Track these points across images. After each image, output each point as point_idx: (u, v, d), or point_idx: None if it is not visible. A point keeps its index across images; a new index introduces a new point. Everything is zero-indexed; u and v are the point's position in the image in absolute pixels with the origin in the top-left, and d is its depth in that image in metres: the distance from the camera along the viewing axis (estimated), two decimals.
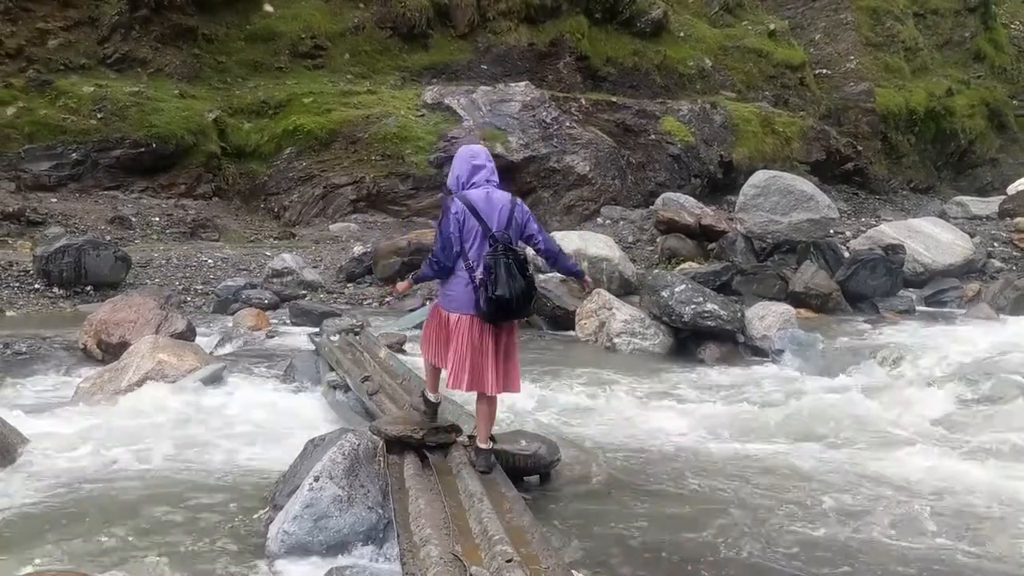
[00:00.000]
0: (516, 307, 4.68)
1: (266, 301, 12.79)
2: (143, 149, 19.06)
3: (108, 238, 15.59)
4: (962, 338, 10.37)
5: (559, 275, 12.76)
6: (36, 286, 13.15)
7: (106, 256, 13.40)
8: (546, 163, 20.82)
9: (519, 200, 4.99)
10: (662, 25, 28.21)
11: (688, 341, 10.35)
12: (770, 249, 14.42)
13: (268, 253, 16.02)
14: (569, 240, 13.69)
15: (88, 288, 13.18)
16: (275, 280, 13.90)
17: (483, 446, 4.92)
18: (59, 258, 13.06)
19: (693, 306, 10.14)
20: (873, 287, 13.24)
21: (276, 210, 20.17)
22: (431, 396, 5.23)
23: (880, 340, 10.54)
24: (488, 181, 4.90)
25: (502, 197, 4.87)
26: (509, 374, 4.97)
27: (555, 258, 5.27)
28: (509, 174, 20.41)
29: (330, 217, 19.79)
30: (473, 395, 5.10)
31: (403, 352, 9.53)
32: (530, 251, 5.26)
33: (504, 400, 7.52)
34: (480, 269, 4.69)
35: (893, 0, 35.95)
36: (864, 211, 25.39)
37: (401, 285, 5.70)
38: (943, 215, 20.04)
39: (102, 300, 11.66)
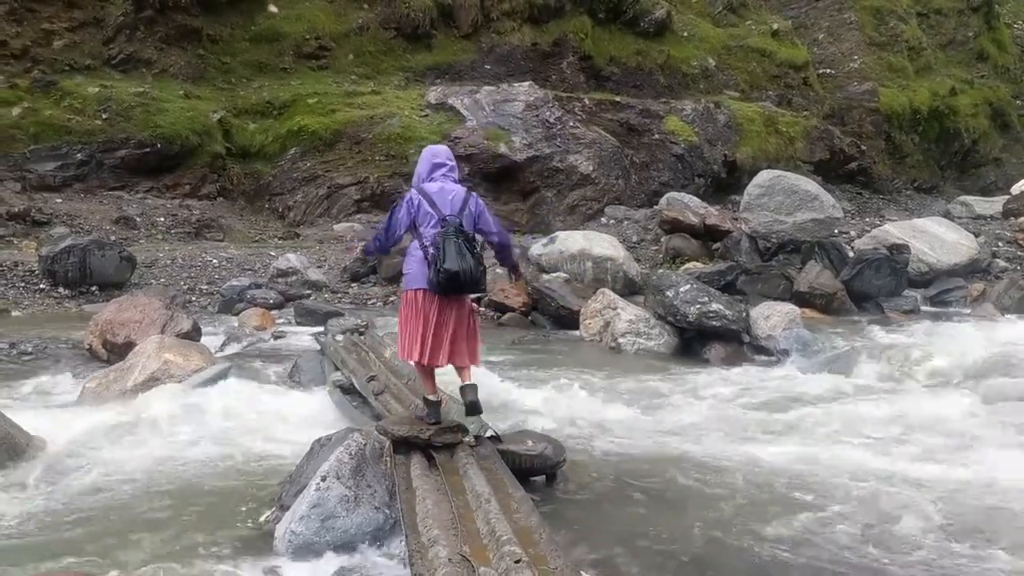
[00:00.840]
0: (465, 280, 5.08)
1: (271, 301, 12.83)
2: (148, 149, 19.11)
3: (113, 238, 15.64)
4: (967, 338, 10.35)
5: (563, 274, 12.88)
6: (41, 286, 13.18)
7: (111, 256, 13.43)
8: (549, 163, 20.83)
9: (474, 194, 5.46)
10: (666, 25, 28.22)
11: (693, 341, 10.34)
12: (774, 249, 14.41)
13: (273, 253, 16.05)
14: (573, 240, 13.70)
15: (93, 288, 13.22)
16: (280, 280, 13.93)
17: (431, 397, 5.36)
18: (64, 258, 13.10)
19: (698, 306, 10.14)
20: (878, 287, 13.24)
21: (280, 210, 20.20)
22: (431, 396, 5.39)
23: (885, 340, 10.53)
24: (445, 176, 5.38)
25: (457, 189, 5.36)
26: (470, 348, 5.37)
27: (504, 249, 5.76)
28: (512, 174, 20.49)
29: (334, 217, 19.82)
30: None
31: None
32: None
33: (508, 399, 7.57)
34: (431, 245, 5.11)
35: (896, 0, 35.91)
36: (868, 211, 25.38)
37: (350, 249, 6.19)
38: (947, 215, 20.02)
39: (107, 300, 11.69)
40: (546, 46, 25.96)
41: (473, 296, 5.65)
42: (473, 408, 5.30)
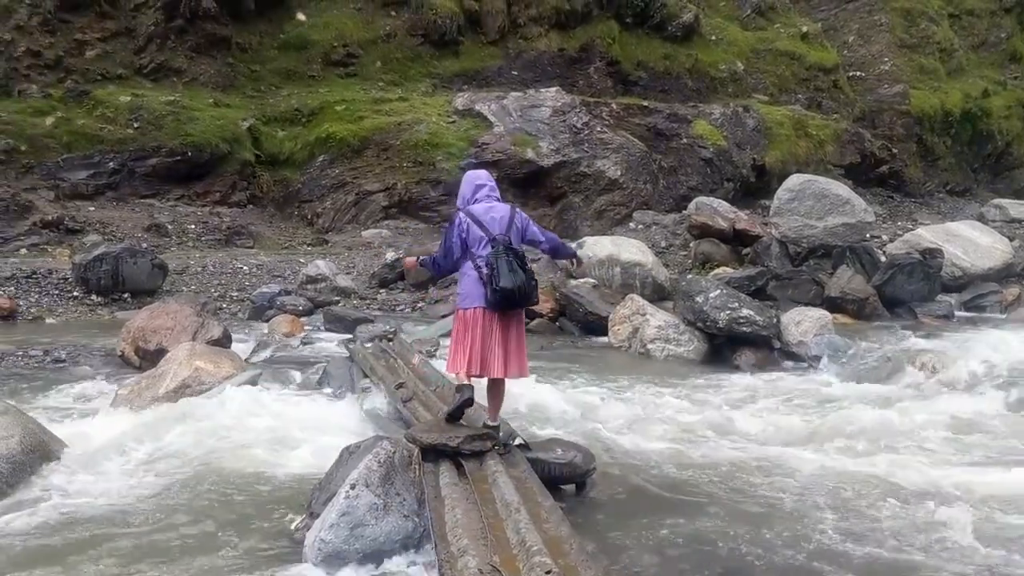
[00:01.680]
0: (519, 296, 5.34)
1: (300, 307, 12.88)
2: (179, 157, 19.29)
3: (145, 246, 15.78)
4: (1003, 343, 10.18)
5: (591, 280, 12.84)
6: (75, 293, 13.33)
7: (143, 264, 13.55)
8: (577, 168, 20.79)
9: (518, 209, 5.72)
10: (693, 29, 28.10)
11: (723, 347, 10.26)
12: (805, 254, 14.27)
13: (302, 260, 16.13)
14: (601, 245, 13.66)
15: (126, 295, 13.34)
16: (309, 286, 13.98)
17: (492, 423, 5.55)
18: (97, 266, 13.23)
19: (728, 311, 10.05)
20: (911, 292, 13.07)
21: (309, 217, 20.31)
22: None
23: (919, 346, 10.37)
24: (489, 196, 5.67)
25: (502, 207, 5.62)
26: (519, 361, 5.54)
27: (557, 248, 6.05)
28: (540, 179, 20.46)
29: (362, 223, 19.87)
30: (506, 403, 5.72)
31: (436, 358, 9.53)
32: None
33: (537, 406, 7.54)
34: (485, 265, 5.37)
35: (927, 1, 35.55)
36: (900, 214, 25.12)
37: (409, 261, 6.53)
38: (981, 218, 19.74)
39: (139, 307, 11.79)
40: (573, 51, 25.94)
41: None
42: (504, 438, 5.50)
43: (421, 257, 6.13)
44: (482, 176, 5.84)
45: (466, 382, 5.47)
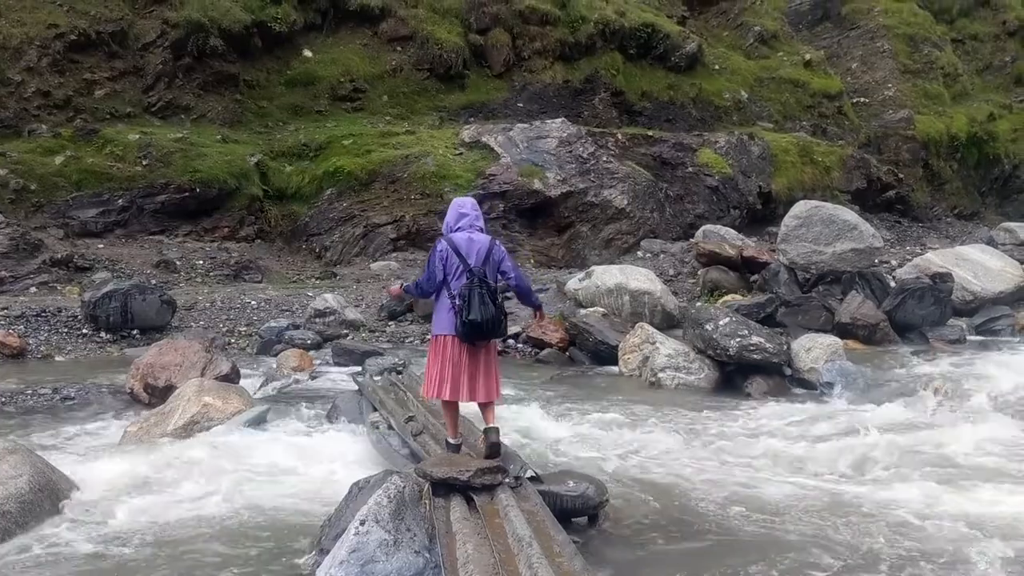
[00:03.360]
0: (487, 329, 5.60)
1: (309, 341, 12.86)
2: (187, 194, 19.39)
3: (154, 282, 15.81)
4: (1016, 367, 10.10)
5: (600, 309, 12.81)
6: (84, 331, 13.34)
7: (152, 300, 13.56)
8: (584, 197, 20.83)
9: (497, 242, 5.89)
10: (696, 59, 28.27)
11: (734, 375, 10.20)
12: (814, 280, 14.21)
13: (310, 293, 16.13)
14: (610, 274, 13.62)
15: (135, 332, 13.34)
16: (317, 320, 13.97)
17: (453, 441, 5.94)
18: (106, 303, 13.24)
19: (738, 339, 10.00)
20: (921, 316, 12.99)
21: (318, 250, 20.36)
22: (452, 440, 5.96)
23: (931, 371, 10.30)
24: (471, 226, 5.84)
25: (482, 239, 5.80)
26: (487, 386, 5.85)
27: (524, 293, 6.28)
28: (547, 209, 20.51)
29: (371, 256, 19.90)
30: (513, 436, 6.22)
31: None
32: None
33: (548, 437, 7.50)
34: (458, 296, 5.61)
35: (930, 27, 35.73)
36: (908, 239, 25.06)
37: (393, 289, 6.74)
38: (991, 242, 19.66)
39: (148, 343, 11.79)
40: (578, 83, 26.10)
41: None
42: (494, 451, 5.61)
43: (404, 284, 6.41)
44: (467, 205, 6.01)
45: (453, 440, 5.92)
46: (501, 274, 5.87)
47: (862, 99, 33.23)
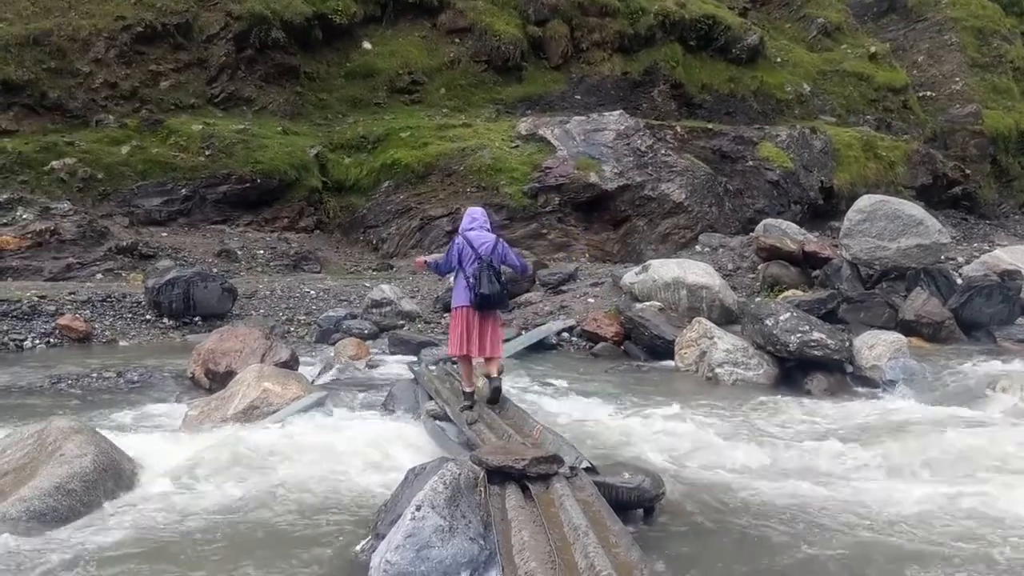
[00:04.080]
0: (494, 300, 7.45)
1: (366, 331, 12.96)
2: (248, 184, 19.70)
3: (215, 270, 16.08)
4: None
5: (656, 303, 12.68)
6: (147, 317, 13.62)
7: (213, 288, 13.79)
8: (641, 191, 20.66)
9: (501, 239, 7.72)
10: (758, 51, 27.88)
11: (794, 371, 10.01)
12: (877, 276, 13.88)
13: (367, 284, 16.26)
14: (667, 268, 13.46)
15: (196, 318, 13.59)
16: (374, 310, 14.07)
17: (468, 390, 7.55)
18: (169, 290, 13.51)
19: (799, 335, 9.81)
20: (989, 315, 12.60)
21: (375, 242, 20.52)
22: (467, 388, 7.55)
23: (999, 370, 9.98)
24: (481, 228, 7.73)
25: (490, 236, 7.67)
26: (493, 344, 7.63)
27: (522, 269, 8.47)
28: (603, 203, 20.38)
29: (427, 248, 20.00)
30: (568, 428, 6.98)
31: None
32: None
33: (603, 430, 7.45)
34: (471, 277, 7.37)
35: (1000, 20, 34.77)
36: (974, 236, 24.42)
37: (419, 261, 8.24)
38: None
39: (209, 330, 11.99)
40: (637, 75, 25.91)
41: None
42: (495, 395, 7.44)
43: (427, 260, 8.05)
44: (477, 213, 7.95)
45: (468, 388, 7.53)
46: (506, 264, 7.64)
47: (928, 93, 32.49)
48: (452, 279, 8.14)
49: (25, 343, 12.19)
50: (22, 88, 19.32)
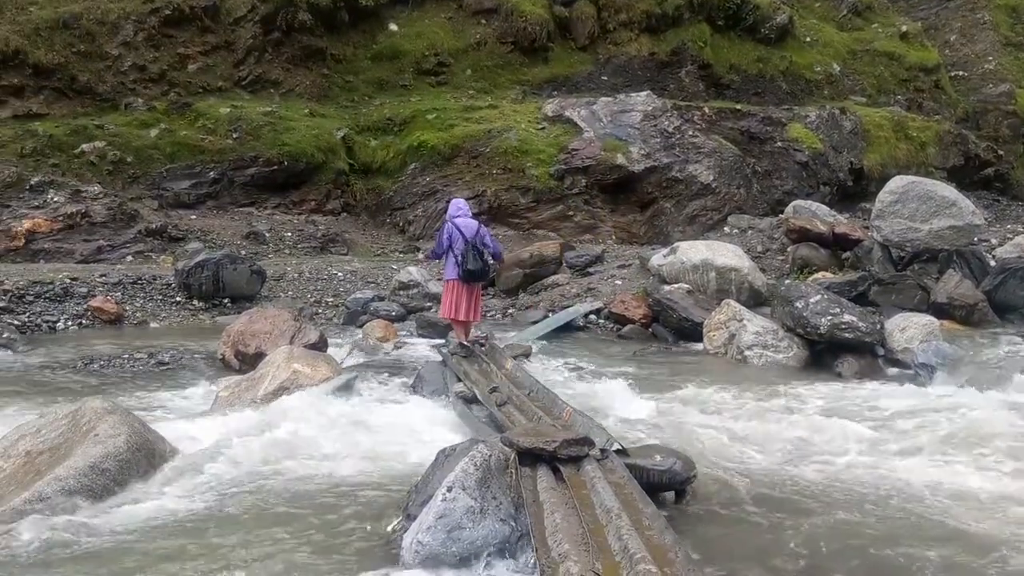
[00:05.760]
0: (478, 274, 9.34)
1: (393, 313, 13.01)
2: (276, 167, 19.77)
3: (244, 253, 16.19)
4: None
5: (685, 286, 12.61)
6: (177, 299, 13.73)
7: (242, 270, 13.88)
8: (668, 173, 20.52)
9: (482, 225, 9.55)
10: (787, 30, 27.53)
11: (824, 354, 9.93)
12: (909, 258, 13.70)
13: (395, 266, 16.30)
14: (696, 250, 13.38)
15: (225, 300, 13.69)
16: (401, 292, 14.11)
17: (465, 343, 9.32)
18: (198, 272, 13.61)
19: (829, 317, 9.73)
20: (1023, 297, 12.42)
21: (401, 224, 20.54)
22: (465, 342, 9.31)
23: None
24: (465, 215, 9.45)
25: (473, 222, 9.37)
26: (475, 311, 9.65)
27: (496, 253, 9.86)
28: (630, 185, 20.26)
29: None
30: (597, 410, 7.13)
31: (528, 363, 9.50)
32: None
33: (633, 413, 7.42)
34: (460, 256, 9.10)
35: None
36: (1007, 218, 24.03)
37: (422, 255, 10.53)
38: None
39: (239, 312, 12.09)
40: (664, 55, 25.66)
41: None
42: (477, 340, 9.42)
43: (424, 252, 9.76)
44: (461, 203, 9.77)
45: (465, 342, 9.29)
46: (484, 245, 9.27)
47: (960, 73, 31.97)
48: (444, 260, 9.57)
49: (58, 324, 12.34)
50: (52, 72, 19.46)
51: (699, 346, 11.09)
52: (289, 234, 18.93)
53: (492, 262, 10.18)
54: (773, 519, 5.08)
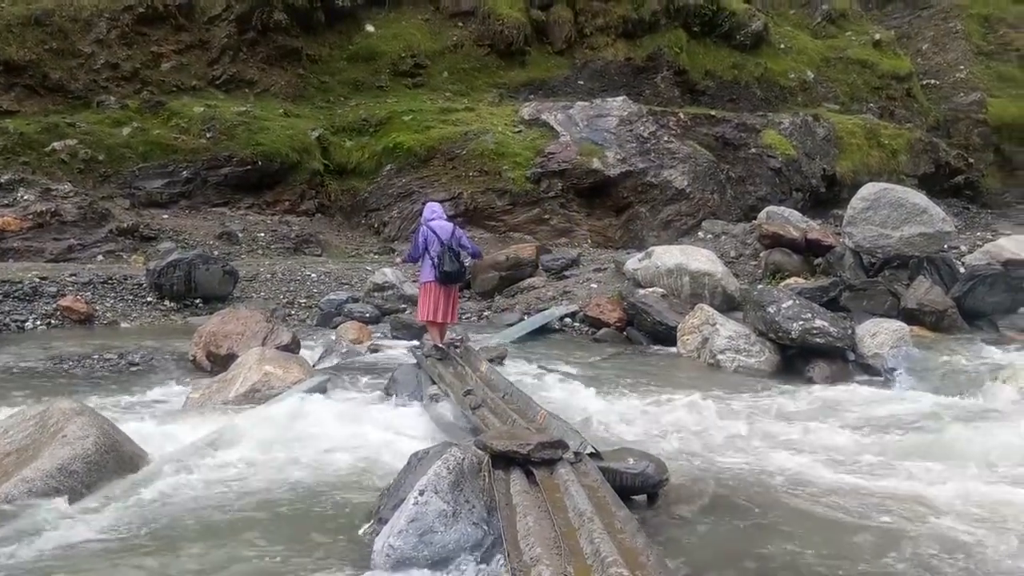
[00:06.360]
0: (454, 276, 9.24)
1: (368, 315, 12.96)
2: (249, 167, 19.65)
3: (216, 253, 16.07)
4: None
5: (659, 290, 12.67)
6: (149, 299, 13.61)
7: (215, 270, 13.78)
8: (643, 178, 20.62)
9: (457, 226, 9.50)
10: (762, 37, 27.75)
11: (795, 359, 10.00)
12: (880, 264, 13.83)
13: (369, 268, 16.24)
14: (670, 255, 13.44)
15: (197, 301, 13.59)
16: (376, 294, 14.06)
17: (440, 345, 9.19)
18: (170, 272, 13.49)
19: (801, 322, 9.80)
20: (992, 304, 12.56)
21: (376, 226, 20.48)
22: (440, 344, 9.21)
23: (1002, 359, 9.96)
24: (440, 218, 9.38)
25: (448, 225, 9.33)
26: (452, 313, 9.56)
27: (474, 254, 10.08)
28: (606, 189, 20.34)
29: None
30: (571, 413, 7.03)
31: (503, 366, 9.49)
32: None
33: (605, 416, 7.44)
34: (436, 258, 9.04)
35: (1006, 7, 34.61)
36: (976, 225, 24.36)
37: (397, 260, 10.35)
38: None
39: (211, 313, 11.99)
40: (640, 61, 25.79)
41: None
42: (451, 343, 9.46)
43: (400, 255, 9.75)
44: (436, 206, 9.66)
45: (440, 344, 9.16)
46: (461, 247, 9.25)
47: (932, 81, 32.38)
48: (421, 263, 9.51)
49: (26, 324, 12.19)
50: (24, 69, 19.24)
51: (673, 349, 11.13)
52: (262, 234, 18.82)
53: (469, 263, 10.19)
54: (743, 522, 5.12)
